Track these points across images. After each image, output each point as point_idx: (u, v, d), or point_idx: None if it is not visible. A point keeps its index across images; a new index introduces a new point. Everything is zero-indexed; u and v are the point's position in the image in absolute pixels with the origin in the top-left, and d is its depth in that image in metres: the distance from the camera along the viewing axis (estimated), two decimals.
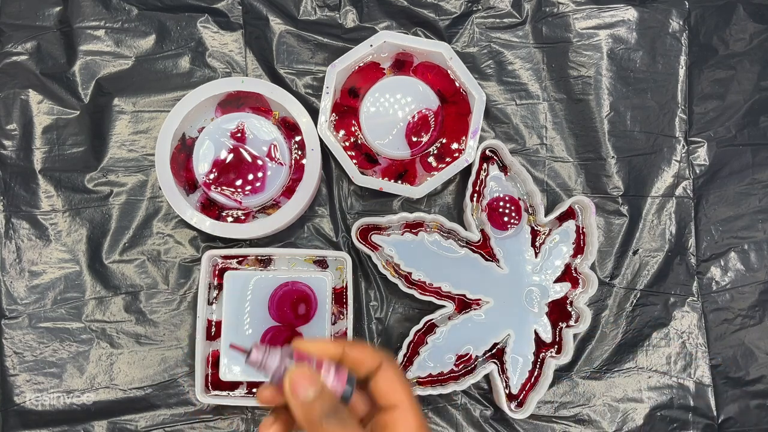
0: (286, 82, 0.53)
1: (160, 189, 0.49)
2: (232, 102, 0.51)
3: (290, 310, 0.49)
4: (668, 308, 0.54)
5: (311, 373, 0.28)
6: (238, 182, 0.49)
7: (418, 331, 0.50)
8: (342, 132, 0.52)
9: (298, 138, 0.51)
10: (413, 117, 0.51)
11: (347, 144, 0.52)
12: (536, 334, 0.51)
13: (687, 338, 0.54)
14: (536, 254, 0.51)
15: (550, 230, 0.52)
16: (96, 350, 0.50)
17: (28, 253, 0.51)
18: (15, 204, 0.51)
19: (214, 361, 0.49)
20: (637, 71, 0.55)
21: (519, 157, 0.54)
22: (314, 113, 0.51)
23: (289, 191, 0.50)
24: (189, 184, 0.50)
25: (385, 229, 0.51)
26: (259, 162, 0.50)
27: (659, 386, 0.53)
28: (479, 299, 0.50)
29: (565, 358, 0.50)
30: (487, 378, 0.52)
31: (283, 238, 0.52)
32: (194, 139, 0.50)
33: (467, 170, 0.51)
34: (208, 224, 0.48)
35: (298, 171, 0.51)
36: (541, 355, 0.51)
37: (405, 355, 0.50)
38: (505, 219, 0.51)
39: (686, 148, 0.55)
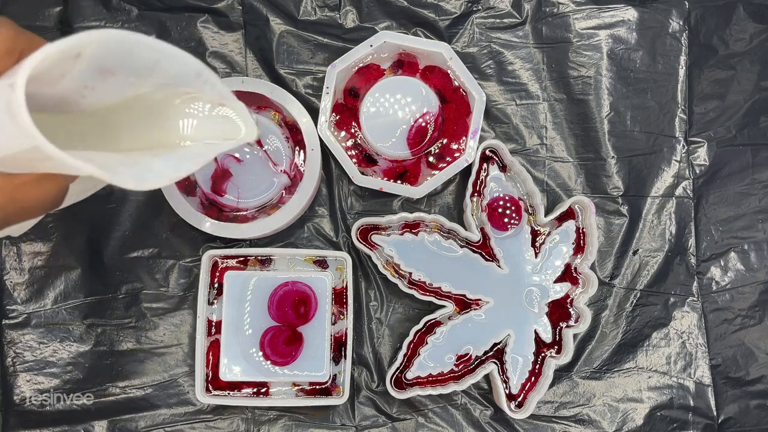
0: (286, 82, 0.53)
1: (160, 189, 0.49)
2: None
3: (290, 310, 0.49)
4: (668, 308, 0.54)
5: None
6: (239, 188, 0.50)
7: (418, 331, 0.50)
8: (342, 132, 0.52)
9: (298, 138, 0.51)
10: (415, 121, 0.51)
11: (347, 144, 0.52)
12: (536, 334, 0.51)
13: (687, 338, 0.54)
14: (536, 254, 0.51)
15: (550, 230, 0.52)
16: (96, 350, 0.50)
17: (28, 253, 0.51)
18: None
19: (215, 361, 0.49)
20: (637, 71, 0.55)
21: (519, 157, 0.54)
22: (314, 113, 0.51)
23: (289, 191, 0.50)
24: (189, 184, 0.50)
25: (385, 229, 0.51)
26: (259, 168, 0.50)
27: (659, 386, 0.53)
28: (479, 299, 0.50)
29: (565, 358, 0.50)
30: (487, 378, 0.52)
31: (283, 238, 0.52)
32: None
33: (467, 170, 0.51)
34: (208, 224, 0.48)
35: (298, 171, 0.51)
36: (541, 355, 0.51)
37: (405, 355, 0.50)
38: (505, 219, 0.51)
39: (686, 148, 0.55)
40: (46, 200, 0.27)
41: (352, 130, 0.52)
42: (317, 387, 0.49)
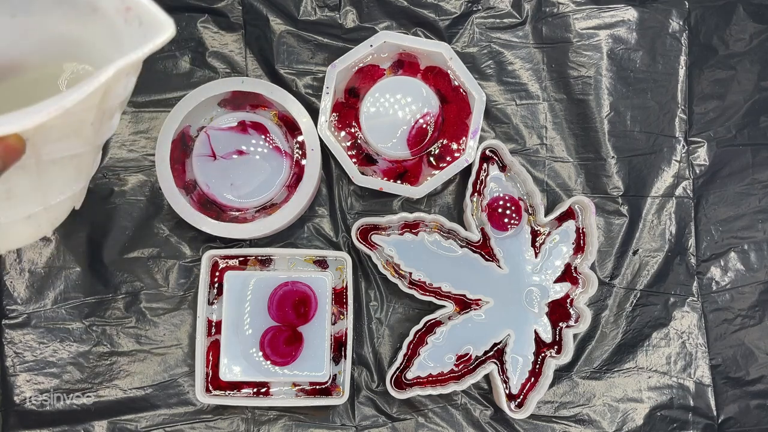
0: (286, 82, 0.53)
1: (160, 189, 0.49)
2: (232, 102, 0.51)
3: (290, 310, 0.49)
4: (668, 308, 0.54)
5: None
6: (240, 186, 0.50)
7: (418, 331, 0.50)
8: (342, 132, 0.52)
9: (298, 138, 0.51)
10: (415, 122, 0.51)
11: (347, 144, 0.52)
12: (536, 334, 0.51)
13: (687, 338, 0.54)
14: (536, 254, 0.51)
15: (550, 230, 0.52)
16: (96, 350, 0.50)
17: (28, 253, 0.51)
18: None
19: (215, 361, 0.49)
20: (637, 71, 0.55)
21: (519, 157, 0.54)
22: (314, 113, 0.51)
23: (289, 191, 0.51)
24: (189, 183, 0.50)
25: (385, 229, 0.51)
26: (261, 165, 0.50)
27: (659, 386, 0.53)
28: (479, 299, 0.50)
29: (565, 358, 0.50)
30: (487, 378, 0.52)
31: (283, 238, 0.52)
32: (194, 139, 0.50)
33: (467, 170, 0.51)
34: (208, 224, 0.48)
35: (298, 171, 0.51)
36: (541, 355, 0.51)
37: (405, 355, 0.50)
38: (505, 219, 0.51)
39: (686, 148, 0.55)
40: None
41: (352, 130, 0.52)
42: (317, 387, 0.49)
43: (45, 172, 0.28)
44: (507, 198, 0.51)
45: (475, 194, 0.51)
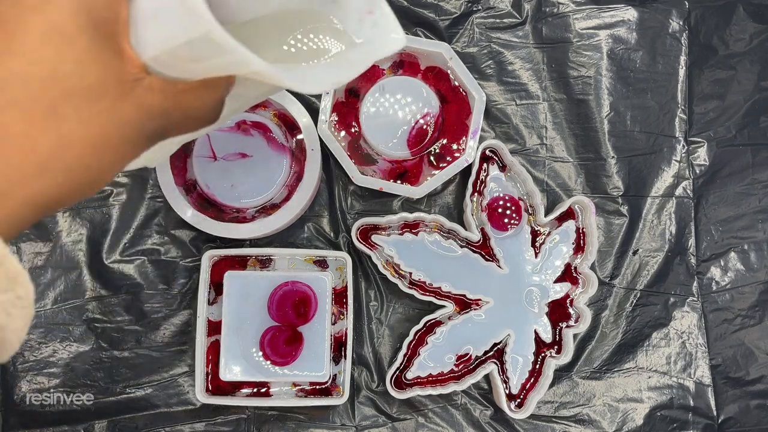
0: None
1: (160, 189, 0.49)
2: None
3: (290, 310, 0.49)
4: (668, 308, 0.54)
5: None
6: (240, 186, 0.50)
7: (418, 331, 0.50)
8: (342, 132, 0.52)
9: (297, 138, 0.51)
10: (416, 122, 0.51)
11: (347, 144, 0.52)
12: (536, 334, 0.51)
13: (687, 338, 0.54)
14: (536, 254, 0.51)
15: (550, 230, 0.52)
16: (96, 350, 0.50)
17: (28, 253, 0.51)
18: None
19: (215, 361, 0.49)
20: (637, 71, 0.55)
21: (519, 157, 0.54)
22: (314, 113, 0.51)
23: (289, 191, 0.50)
24: (189, 183, 0.50)
25: (385, 229, 0.51)
26: (261, 166, 0.50)
27: (659, 386, 0.53)
28: (479, 299, 0.50)
29: (565, 358, 0.50)
30: (487, 378, 0.52)
31: (283, 238, 0.52)
32: (194, 139, 0.50)
33: (467, 170, 0.51)
34: (208, 224, 0.48)
35: (298, 171, 0.51)
36: (541, 355, 0.51)
37: (405, 355, 0.50)
38: (505, 219, 0.51)
39: (686, 148, 0.55)
40: (205, 110, 0.27)
41: (352, 130, 0.52)
42: (317, 387, 0.49)
43: None
44: (507, 198, 0.51)
45: (475, 194, 0.51)
